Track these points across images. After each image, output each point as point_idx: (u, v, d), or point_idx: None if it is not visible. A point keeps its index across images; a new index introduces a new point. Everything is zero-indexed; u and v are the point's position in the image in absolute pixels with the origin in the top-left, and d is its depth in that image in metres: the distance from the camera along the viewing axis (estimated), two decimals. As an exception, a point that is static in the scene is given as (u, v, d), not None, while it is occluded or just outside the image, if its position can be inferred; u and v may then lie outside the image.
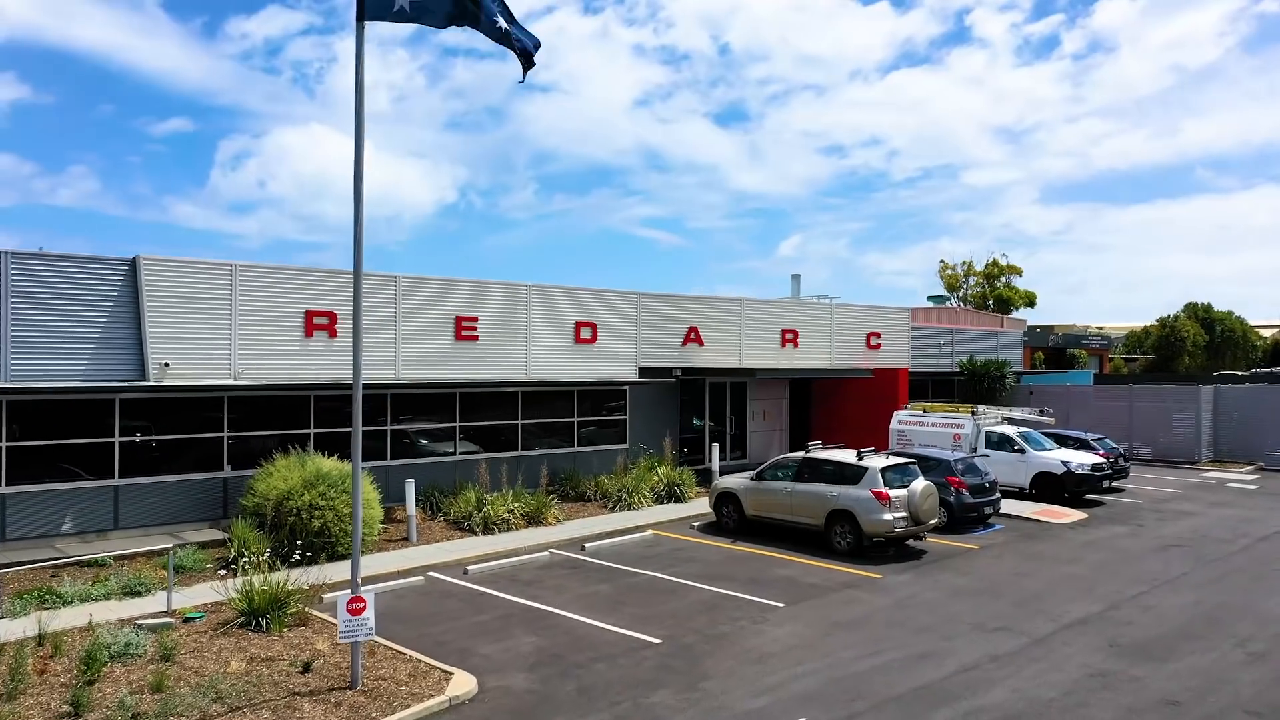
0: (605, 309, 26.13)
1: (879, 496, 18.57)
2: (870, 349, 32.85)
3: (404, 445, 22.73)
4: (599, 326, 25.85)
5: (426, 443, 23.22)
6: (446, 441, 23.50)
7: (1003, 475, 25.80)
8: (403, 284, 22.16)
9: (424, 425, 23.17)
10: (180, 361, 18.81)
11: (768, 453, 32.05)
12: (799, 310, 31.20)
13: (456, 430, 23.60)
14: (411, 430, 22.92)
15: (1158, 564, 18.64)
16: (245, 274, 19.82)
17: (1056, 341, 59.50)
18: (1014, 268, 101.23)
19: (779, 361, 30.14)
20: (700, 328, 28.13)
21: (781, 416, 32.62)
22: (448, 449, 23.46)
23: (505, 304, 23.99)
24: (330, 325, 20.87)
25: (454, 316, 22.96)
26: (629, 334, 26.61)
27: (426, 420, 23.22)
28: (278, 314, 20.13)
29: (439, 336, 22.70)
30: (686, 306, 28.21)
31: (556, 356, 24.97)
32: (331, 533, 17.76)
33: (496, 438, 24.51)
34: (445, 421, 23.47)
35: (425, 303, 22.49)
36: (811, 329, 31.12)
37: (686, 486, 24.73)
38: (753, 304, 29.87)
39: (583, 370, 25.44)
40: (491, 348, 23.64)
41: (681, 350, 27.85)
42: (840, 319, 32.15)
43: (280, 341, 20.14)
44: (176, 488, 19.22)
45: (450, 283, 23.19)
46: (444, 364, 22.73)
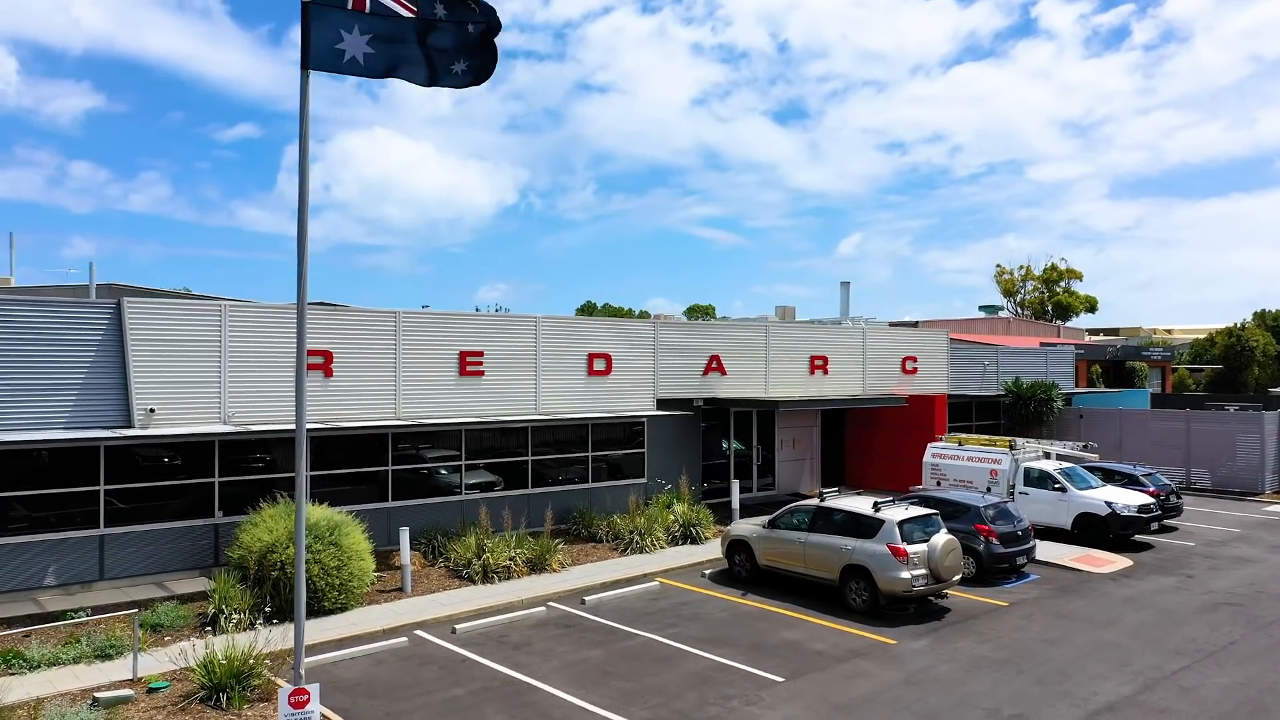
0: (620, 339, 25.13)
1: (896, 552, 17.29)
2: (906, 374, 31.37)
3: (406, 486, 21.95)
4: (614, 357, 24.86)
5: (430, 483, 22.42)
6: (452, 481, 22.69)
7: (1043, 515, 24.28)
8: (403, 320, 21.42)
9: (427, 465, 22.38)
10: (167, 407, 18.24)
11: (798, 483, 30.80)
12: (829, 335, 29.86)
13: (462, 469, 22.78)
14: (414, 470, 22.13)
15: (1204, 628, 17.07)
16: (236, 313, 19.22)
17: (1115, 354, 57.03)
18: (1074, 272, 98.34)
19: (808, 390, 28.85)
20: (722, 356, 26.98)
21: (812, 444, 31.32)
22: (453, 489, 22.65)
23: (513, 337, 23.12)
24: (326, 365, 20.18)
25: (458, 352, 22.15)
26: (646, 364, 25.58)
27: (430, 460, 22.43)
28: (270, 354, 19.48)
29: (442, 373, 21.91)
30: (708, 334, 27.09)
31: (569, 391, 24.03)
32: (317, 587, 17.02)
33: (505, 475, 23.65)
34: (451, 460, 22.67)
35: (427, 339, 21.71)
36: (842, 354, 29.77)
37: (703, 526, 23.61)
38: (779, 329, 28.64)
39: (597, 404, 24.47)
40: (499, 383, 22.78)
41: (703, 380, 26.73)
42: (874, 343, 30.75)
43: (273, 384, 19.49)
44: (165, 536, 18.66)
45: (453, 317, 22.41)
46: (447, 402, 21.93)
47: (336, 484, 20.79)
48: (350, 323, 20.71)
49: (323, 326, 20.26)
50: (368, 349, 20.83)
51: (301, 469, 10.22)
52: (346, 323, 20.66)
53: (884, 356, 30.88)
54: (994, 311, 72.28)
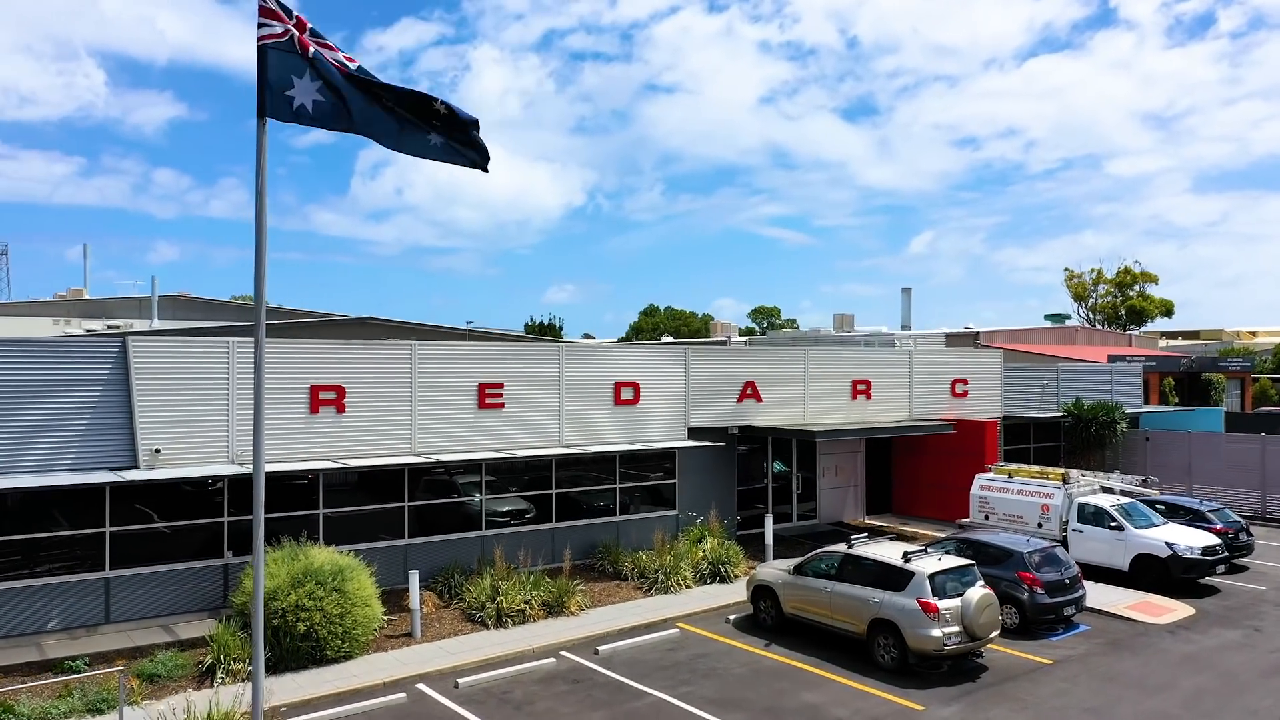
0: (649, 367, 24.25)
1: (926, 608, 16.11)
2: (956, 397, 29.93)
3: (424, 521, 21.37)
4: (641, 386, 23.99)
5: (450, 518, 21.79)
6: (473, 515, 22.04)
7: (1098, 555, 22.78)
8: (419, 351, 20.84)
9: (446, 500, 21.76)
10: (173, 447, 17.89)
11: (841, 511, 29.57)
12: (872, 358, 28.58)
13: (482, 503, 22.12)
14: (432, 505, 21.53)
15: (1268, 698, 15.57)
16: (244, 349, 18.80)
17: (1190, 365, 54.28)
18: (1149, 275, 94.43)
19: (849, 416, 27.62)
20: (758, 382, 25.93)
21: (856, 471, 30.05)
22: (474, 523, 22.00)
23: (535, 367, 22.41)
24: (338, 400, 19.70)
25: (476, 384, 21.51)
26: (677, 392, 24.65)
27: (448, 494, 21.81)
28: (280, 391, 19.03)
29: (459, 406, 21.28)
30: (742, 359, 26.07)
31: (594, 421, 23.23)
32: (319, 635, 16.49)
33: (513, 521, 22.93)
34: (470, 494, 22.03)
35: (444, 371, 21.10)
36: (886, 378, 28.47)
37: (734, 564, 22.60)
38: (819, 353, 27.45)
39: (624, 435, 23.62)
40: (520, 415, 22.08)
41: (737, 408, 25.70)
42: (921, 365, 29.37)
43: (283, 420, 19.05)
44: (173, 577, 18.31)
45: (471, 348, 21.80)
46: (466, 436, 21.29)
47: (351, 522, 20.31)
48: (364, 356, 20.19)
49: (335, 361, 19.78)
50: (382, 383, 20.29)
51: (258, 516, 9.62)
52: (360, 356, 20.15)
53: (931, 379, 29.49)
54: (1060, 321, 69.61)
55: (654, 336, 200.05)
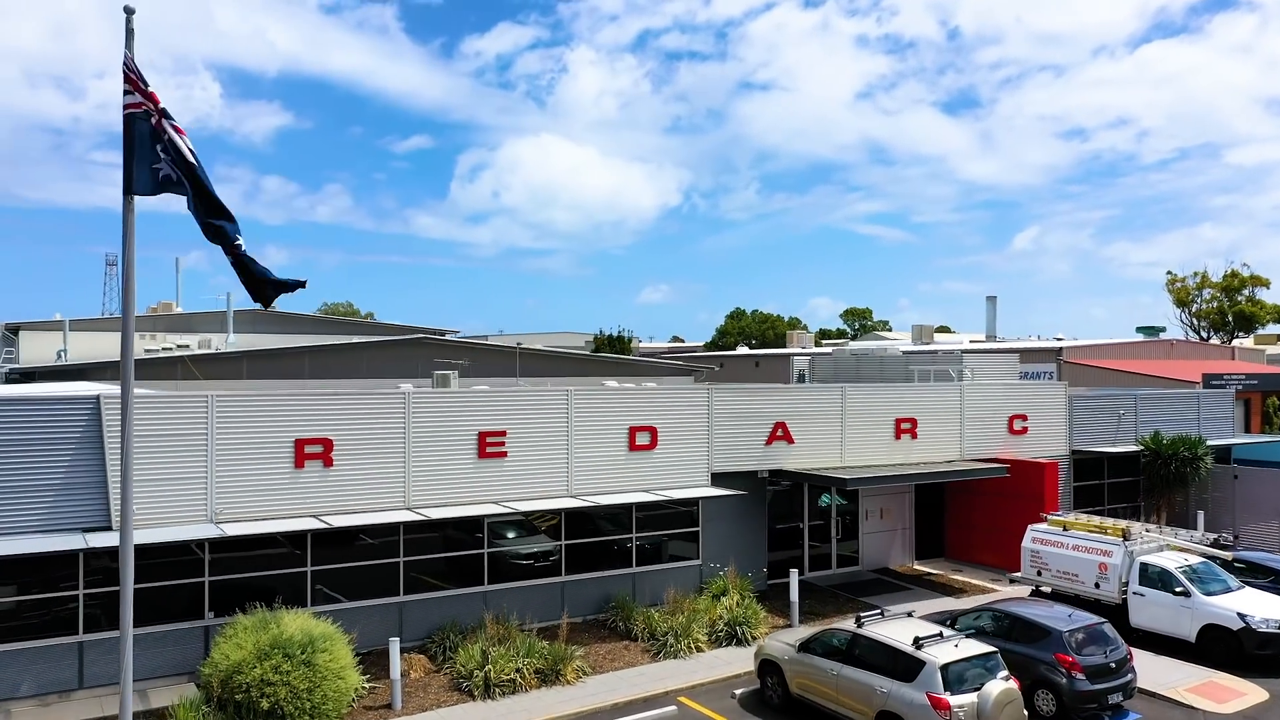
0: (667, 408, 22.84)
1: (937, 704, 14.36)
2: (1014, 434, 27.67)
3: (420, 577, 20.39)
4: (659, 430, 22.59)
5: (450, 570, 20.77)
6: (474, 570, 20.98)
7: (1162, 622, 20.51)
8: (413, 400, 19.86)
9: (445, 554, 20.74)
10: (148, 507, 17.24)
11: (887, 556, 27.64)
12: (918, 394, 26.54)
13: (485, 558, 21.04)
14: (430, 560, 20.54)
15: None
16: (225, 404, 18.08)
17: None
18: (1259, 279, 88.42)
19: (892, 456, 25.70)
20: (789, 423, 24.25)
21: (904, 514, 28.05)
22: (475, 577, 20.93)
23: (540, 413, 21.23)
24: (325, 453, 18.84)
25: (476, 432, 20.43)
26: (698, 435, 23.18)
27: (448, 547, 20.77)
28: (261, 444, 18.27)
29: (457, 456, 20.22)
30: (771, 398, 24.40)
31: (606, 469, 21.92)
32: (285, 712, 15.62)
33: (535, 563, 21.78)
34: (472, 548, 20.96)
35: (440, 420, 20.08)
36: (934, 415, 26.42)
37: (752, 625, 21.01)
38: (858, 390, 25.58)
39: (640, 482, 22.25)
40: (524, 465, 20.93)
41: (766, 450, 24.08)
42: (974, 400, 27.20)
43: (267, 476, 18.28)
44: (151, 640, 17.66)
45: (471, 395, 20.74)
46: (464, 488, 20.23)
47: (341, 578, 19.45)
48: (353, 406, 19.29)
49: (322, 412, 18.93)
50: (373, 434, 19.36)
51: (126, 586, 8.67)
52: (349, 406, 19.25)
53: (986, 416, 27.30)
54: (1154, 334, 65.37)
55: (739, 341, 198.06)
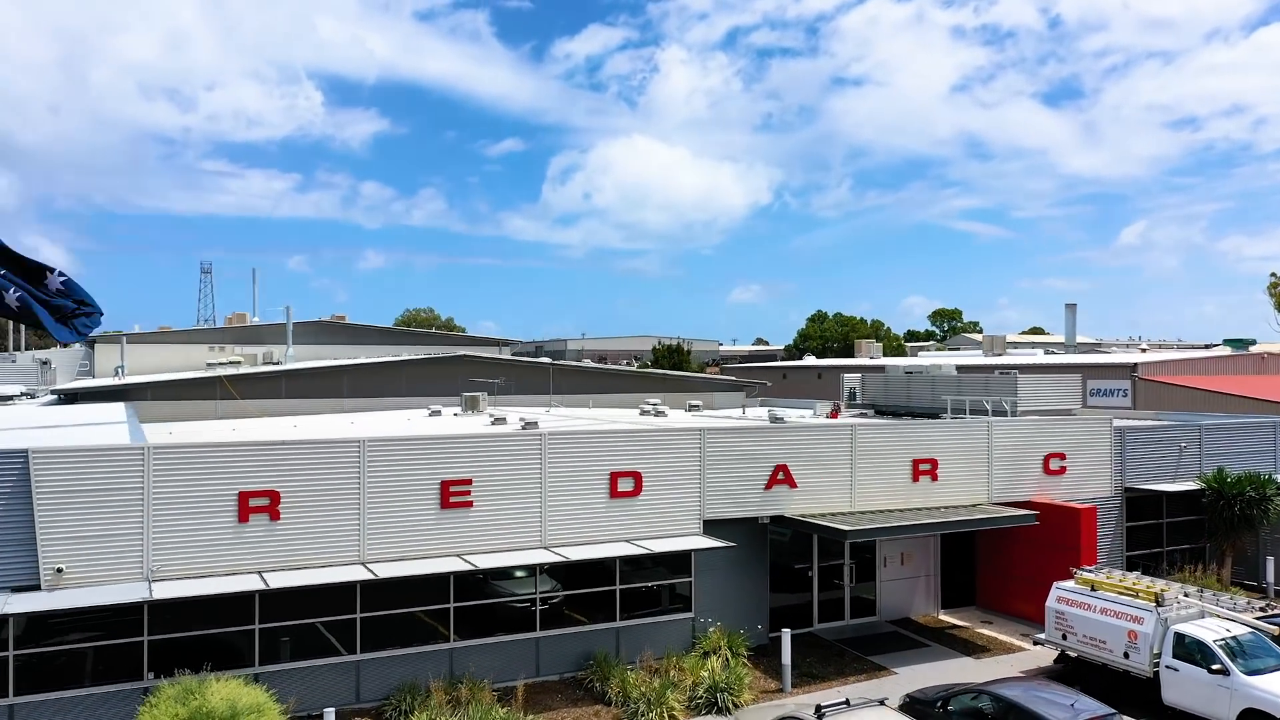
0: (652, 452, 21.35)
1: (889, 821, 12.60)
2: (1049, 475, 25.34)
3: (381, 634, 19.34)
4: (644, 475, 21.14)
5: (410, 629, 19.68)
6: (439, 625, 19.85)
7: (1196, 702, 18.23)
8: (368, 449, 18.80)
9: (408, 609, 19.64)
10: (80, 565, 16.56)
11: (909, 605, 25.62)
12: (939, 433, 24.41)
13: (451, 612, 19.90)
14: (390, 615, 19.46)
15: None
16: (162, 458, 17.30)
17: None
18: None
19: (910, 499, 23.70)
20: (791, 465, 22.50)
21: (929, 559, 25.95)
22: (440, 632, 19.81)
23: (510, 459, 19.99)
24: (272, 506, 17.92)
25: (439, 481, 19.29)
26: (689, 479, 21.63)
27: (411, 601, 19.67)
28: (204, 499, 17.45)
29: (417, 507, 19.11)
30: (771, 440, 22.65)
31: (585, 518, 20.57)
32: (200, 793, 14.68)
33: (507, 616, 20.56)
34: (437, 601, 19.83)
35: (397, 470, 18.99)
36: (957, 455, 24.29)
37: (736, 691, 19.35)
38: (869, 431, 23.64)
39: (622, 532, 20.83)
40: (492, 514, 19.72)
41: (765, 495, 22.38)
42: (1004, 438, 24.96)
43: (207, 531, 17.46)
44: (84, 703, 17.00)
45: (432, 443, 19.55)
46: (424, 540, 19.12)
47: (293, 635, 18.53)
48: (303, 457, 18.33)
49: (269, 463, 18.01)
50: (324, 485, 18.38)
51: None
52: (299, 457, 18.29)
53: (1018, 454, 25.03)
54: (1243, 346, 60.83)
55: (821, 344, 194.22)
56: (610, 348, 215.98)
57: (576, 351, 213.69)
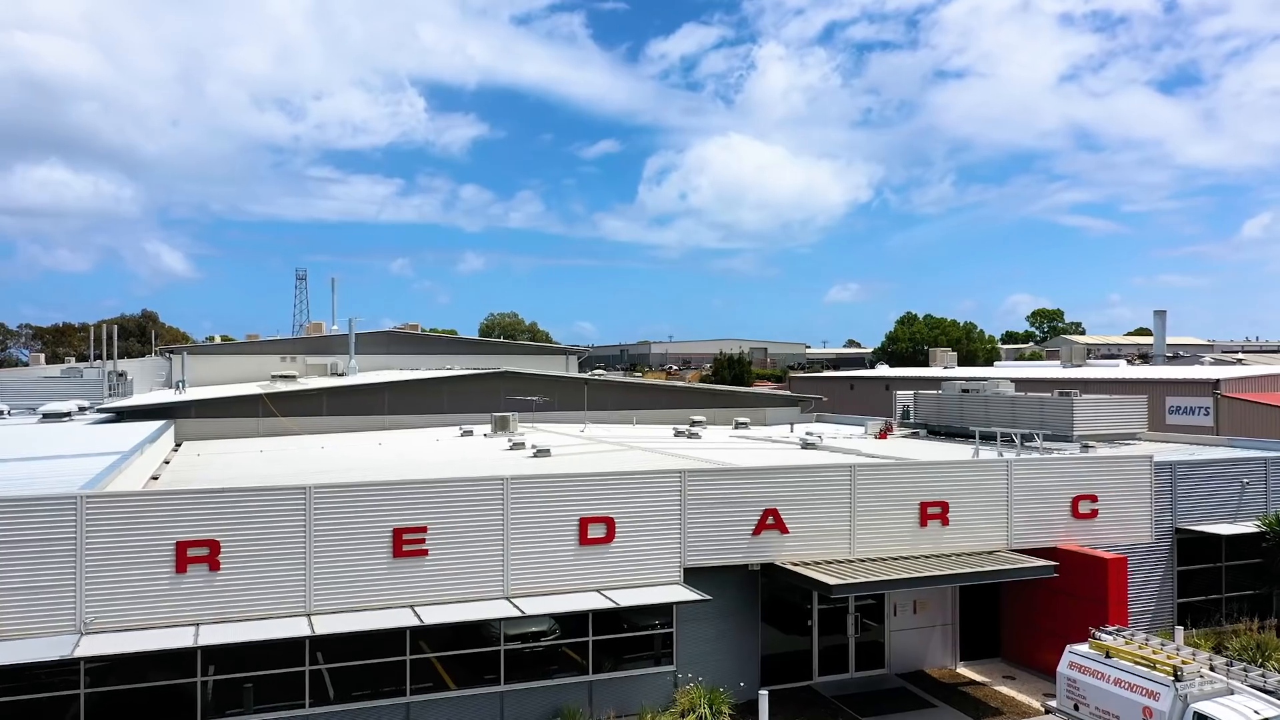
0: (627, 496, 20.09)
1: None
2: (1078, 518, 23.13)
3: (336, 686, 18.58)
4: (616, 521, 19.91)
5: (366, 682, 18.87)
6: (396, 678, 18.98)
7: (1214, 794, 16.10)
8: (315, 496, 18.04)
9: (362, 661, 18.82)
10: (4, 616, 16.18)
11: (923, 657, 23.78)
12: (951, 474, 22.44)
13: (407, 665, 19.01)
14: (344, 668, 18.69)
15: None
16: (96, 507, 16.81)
17: None
18: None
19: (917, 546, 21.89)
20: (781, 509, 20.98)
21: (946, 606, 24.02)
22: (398, 686, 18.95)
23: (469, 505, 18.99)
24: (211, 556, 17.30)
25: (391, 529, 18.42)
26: (668, 525, 20.32)
27: (368, 652, 18.85)
28: (138, 548, 16.91)
29: (367, 556, 18.26)
30: (759, 482, 21.12)
31: (551, 566, 19.44)
32: None
33: (470, 668, 19.58)
34: (393, 654, 18.97)
35: (346, 517, 18.17)
36: (972, 497, 22.34)
37: (705, 759, 18.04)
38: (871, 472, 21.88)
39: (593, 581, 19.64)
40: (449, 563, 18.76)
41: (754, 541, 20.89)
42: (1025, 479, 22.86)
43: (142, 581, 16.91)
44: (18, 758, 16.67)
45: (383, 489, 18.66)
46: (376, 591, 18.26)
47: (239, 689, 17.90)
48: (244, 505, 17.65)
49: (209, 512, 17.39)
50: (267, 533, 17.68)
51: None
52: (240, 505, 17.62)
53: (1042, 496, 22.91)
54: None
55: (910, 348, 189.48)
56: (695, 351, 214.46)
57: (660, 355, 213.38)
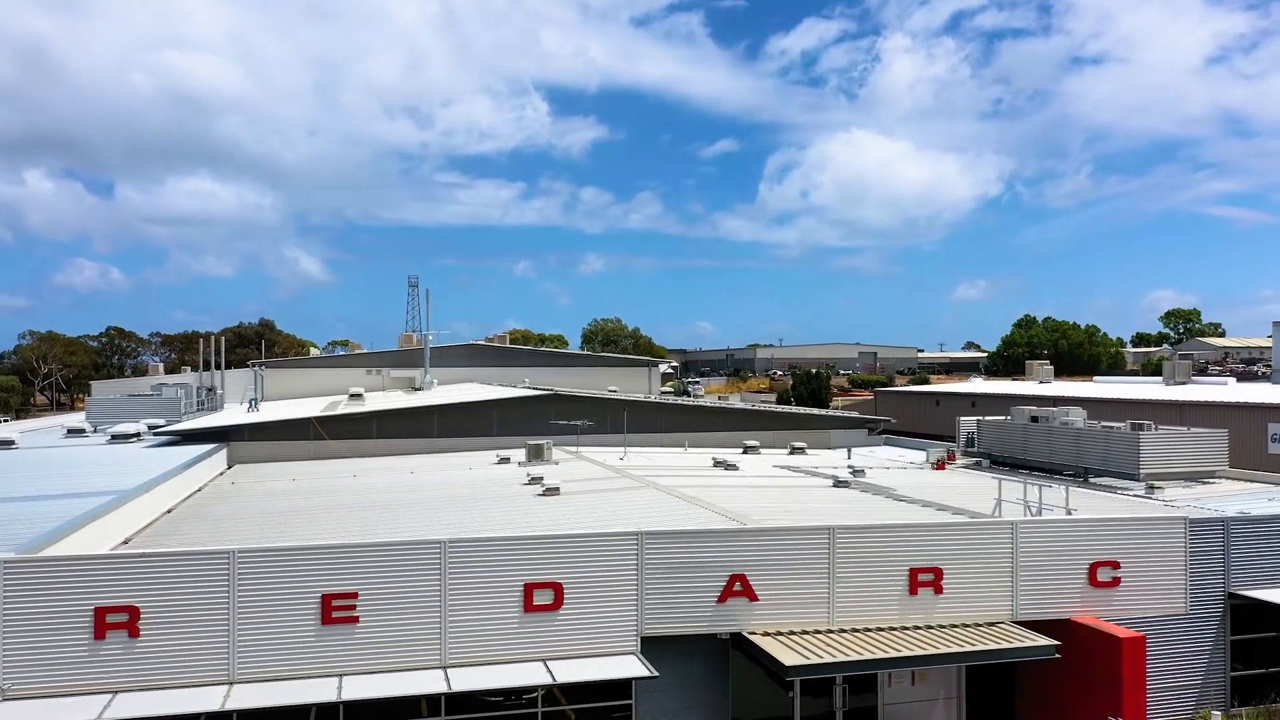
0: (577, 560, 18.87)
1: None
2: (1097, 587, 20.72)
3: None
4: (565, 587, 18.74)
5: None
6: (332, 747, 18.31)
7: None
8: (238, 559, 17.49)
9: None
10: (-74, 683, 16.17)
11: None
12: (946, 537, 20.36)
13: (339, 737, 18.32)
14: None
15: None
16: (13, 571, 16.63)
17: None
18: None
19: (906, 615, 19.97)
20: (750, 575, 19.42)
21: (951, 679, 21.90)
22: (333, 757, 18.27)
23: (404, 570, 18.15)
24: (131, 623, 16.94)
25: (319, 595, 17.73)
26: (624, 591, 19.03)
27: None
28: (56, 615, 16.68)
29: (295, 621, 17.62)
30: (725, 545, 19.59)
31: (494, 634, 18.42)
32: None
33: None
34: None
35: (271, 582, 17.56)
36: (970, 563, 20.24)
37: None
38: (852, 535, 19.99)
39: (539, 650, 18.52)
40: (381, 631, 17.95)
41: (719, 609, 19.40)
42: (1034, 543, 20.60)
43: (59, 649, 16.66)
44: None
45: (311, 553, 17.96)
46: (301, 660, 17.59)
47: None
48: (164, 569, 17.23)
49: (130, 579, 17.03)
50: (188, 599, 17.22)
51: None
52: (160, 570, 17.21)
53: (1052, 563, 20.60)
54: None
55: (1028, 352, 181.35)
56: (802, 356, 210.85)
57: (766, 360, 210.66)
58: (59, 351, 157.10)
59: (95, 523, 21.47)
